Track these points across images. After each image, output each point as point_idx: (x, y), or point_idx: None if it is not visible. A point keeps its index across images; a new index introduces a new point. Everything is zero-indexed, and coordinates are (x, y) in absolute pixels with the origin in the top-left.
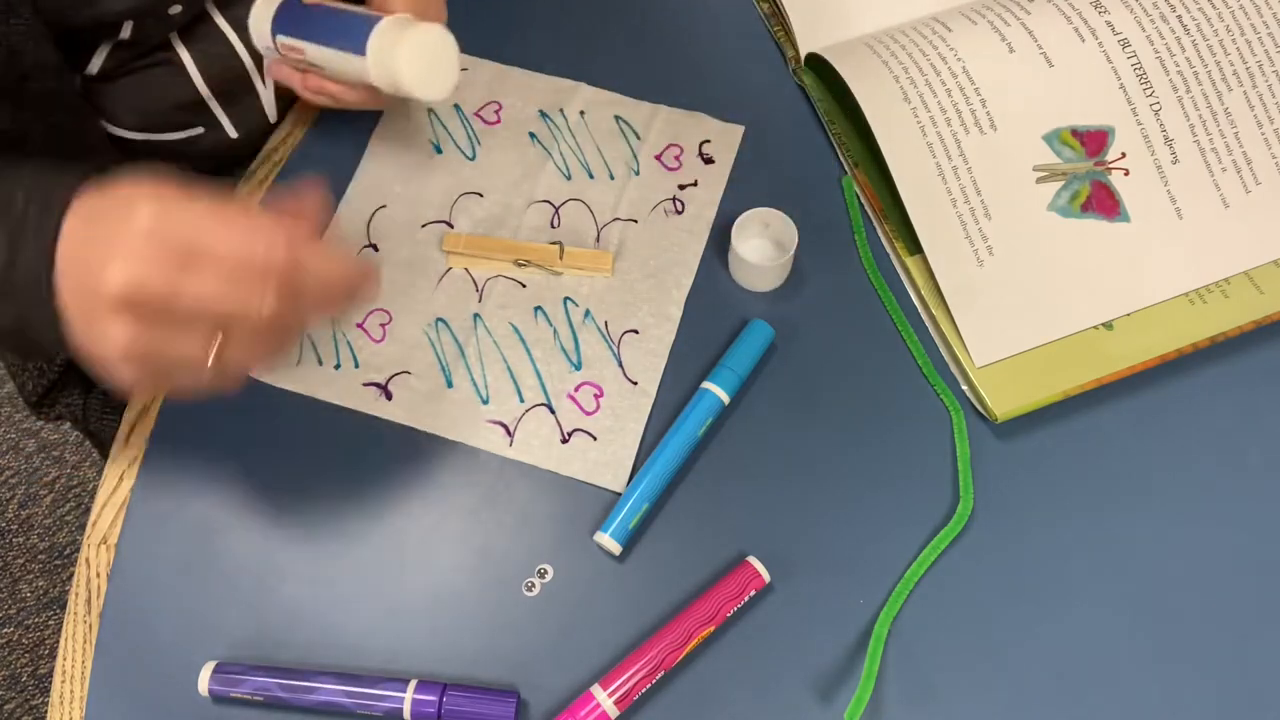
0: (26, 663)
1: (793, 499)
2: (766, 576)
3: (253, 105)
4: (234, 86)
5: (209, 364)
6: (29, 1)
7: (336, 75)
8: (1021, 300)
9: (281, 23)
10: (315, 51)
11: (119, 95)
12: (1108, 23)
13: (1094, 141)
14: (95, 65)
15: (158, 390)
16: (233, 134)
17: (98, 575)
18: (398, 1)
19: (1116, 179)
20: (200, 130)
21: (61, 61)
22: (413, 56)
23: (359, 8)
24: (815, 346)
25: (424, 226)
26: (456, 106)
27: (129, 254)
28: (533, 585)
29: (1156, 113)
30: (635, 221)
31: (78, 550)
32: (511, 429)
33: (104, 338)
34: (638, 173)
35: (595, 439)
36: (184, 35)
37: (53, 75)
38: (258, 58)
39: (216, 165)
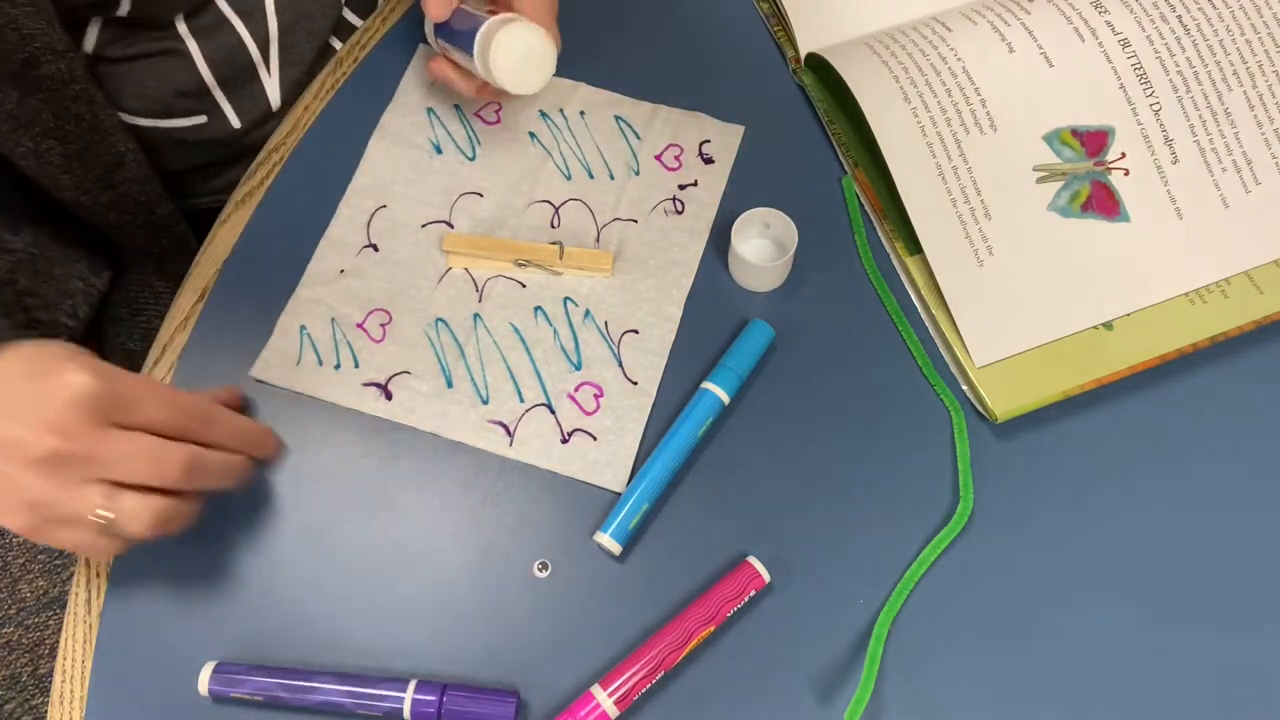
0: (26, 663)
1: (793, 499)
2: (766, 576)
3: (256, 94)
4: (238, 75)
5: (94, 524)
6: None
7: (474, 72)
8: (1021, 300)
9: (439, 27)
10: (456, 53)
11: (123, 80)
12: (1108, 23)
13: (1094, 141)
14: (90, 42)
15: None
16: (235, 123)
17: (98, 575)
18: (523, 2)
19: (1116, 179)
20: (203, 119)
21: (71, 44)
22: (503, 53)
23: (483, 12)
24: (815, 346)
25: (424, 226)
26: (456, 106)
27: (59, 421)
28: (546, 565)
29: (1156, 113)
30: (635, 221)
31: None
32: (511, 429)
33: (10, 484)
34: (638, 173)
35: (595, 439)
36: (190, 22)
37: (62, 58)
38: (263, 45)
39: (217, 157)
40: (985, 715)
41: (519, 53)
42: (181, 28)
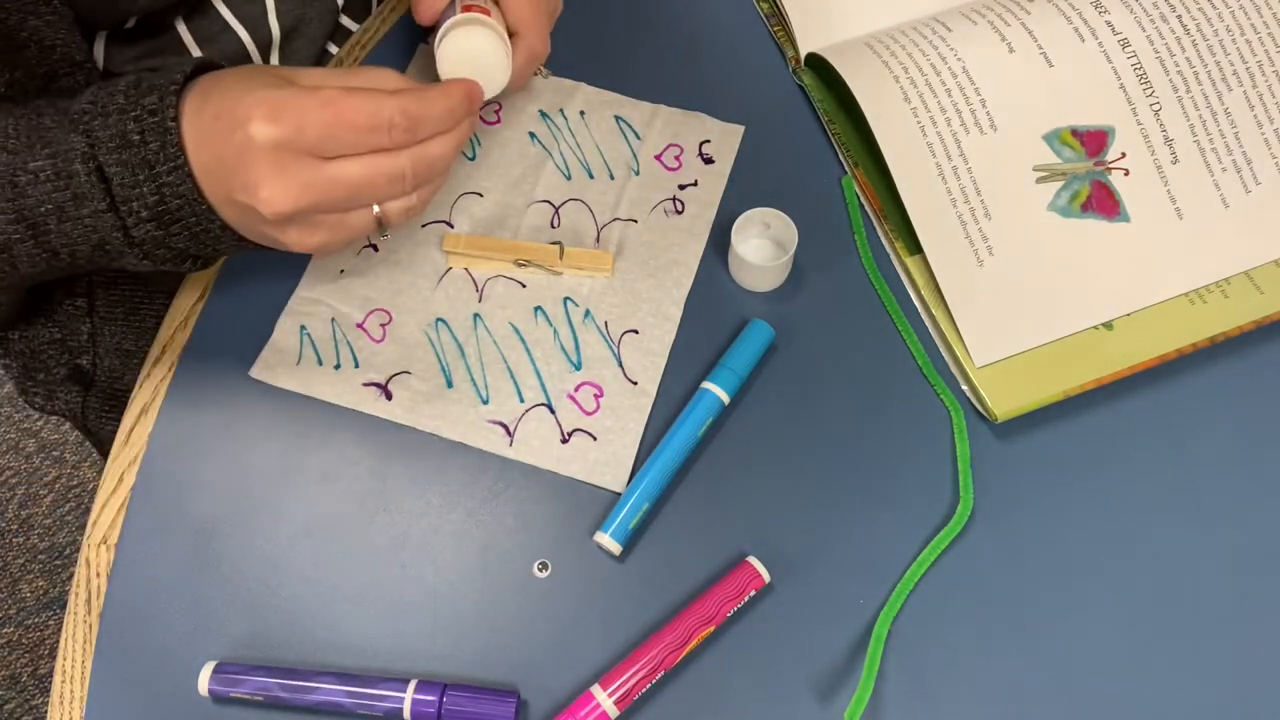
0: (26, 663)
1: (793, 499)
2: (766, 576)
3: None
4: None
5: (376, 224)
6: None
7: None
8: (1021, 300)
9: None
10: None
11: None
12: (1108, 23)
13: (1094, 141)
14: (99, 57)
15: (340, 249)
16: None
17: (98, 575)
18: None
19: (1116, 179)
20: None
21: (88, 54)
22: (451, 53)
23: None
24: (815, 346)
25: (424, 226)
26: None
27: (270, 176)
28: (546, 565)
29: (1156, 113)
30: (635, 221)
31: (78, 550)
32: (511, 429)
33: (279, 243)
34: (638, 173)
35: (595, 439)
36: (193, 28)
37: (80, 69)
38: (264, 51)
39: None
40: (985, 715)
41: (465, 57)
42: (185, 36)
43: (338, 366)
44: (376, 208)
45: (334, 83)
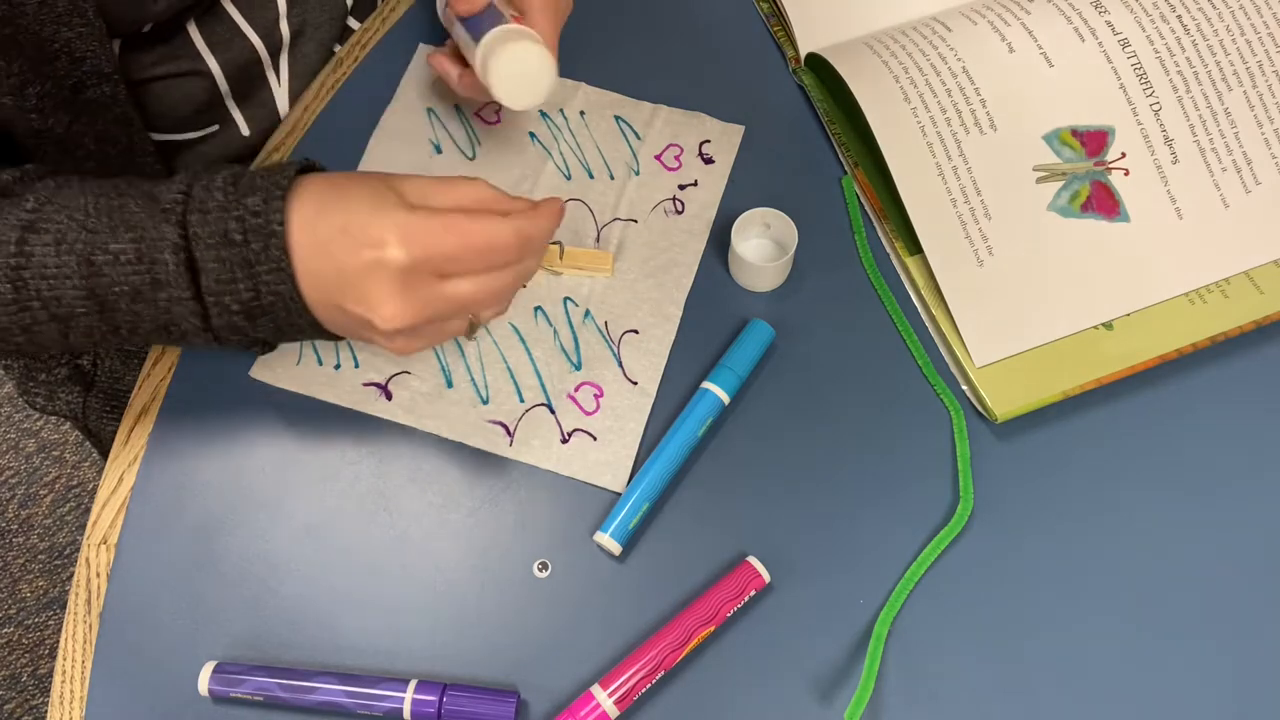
0: (26, 663)
1: (793, 499)
2: (766, 577)
3: (266, 102)
4: (250, 85)
5: (469, 329)
6: (92, 2)
7: (466, 54)
8: (1021, 300)
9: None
10: (459, 31)
11: (145, 99)
12: (1108, 23)
13: (1094, 141)
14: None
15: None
16: (245, 132)
17: (98, 575)
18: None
19: (1116, 179)
20: (215, 128)
21: (117, 65)
22: (504, 66)
23: (507, 10)
24: (815, 346)
25: None
26: (456, 106)
27: (394, 295)
28: (546, 565)
29: (1156, 113)
30: (635, 221)
31: (78, 550)
32: (511, 429)
33: (375, 344)
34: (638, 173)
35: (595, 439)
36: (204, 33)
37: (107, 81)
38: (274, 54)
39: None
40: (985, 715)
41: (517, 69)
42: (199, 42)
43: (337, 366)
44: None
45: (447, 201)
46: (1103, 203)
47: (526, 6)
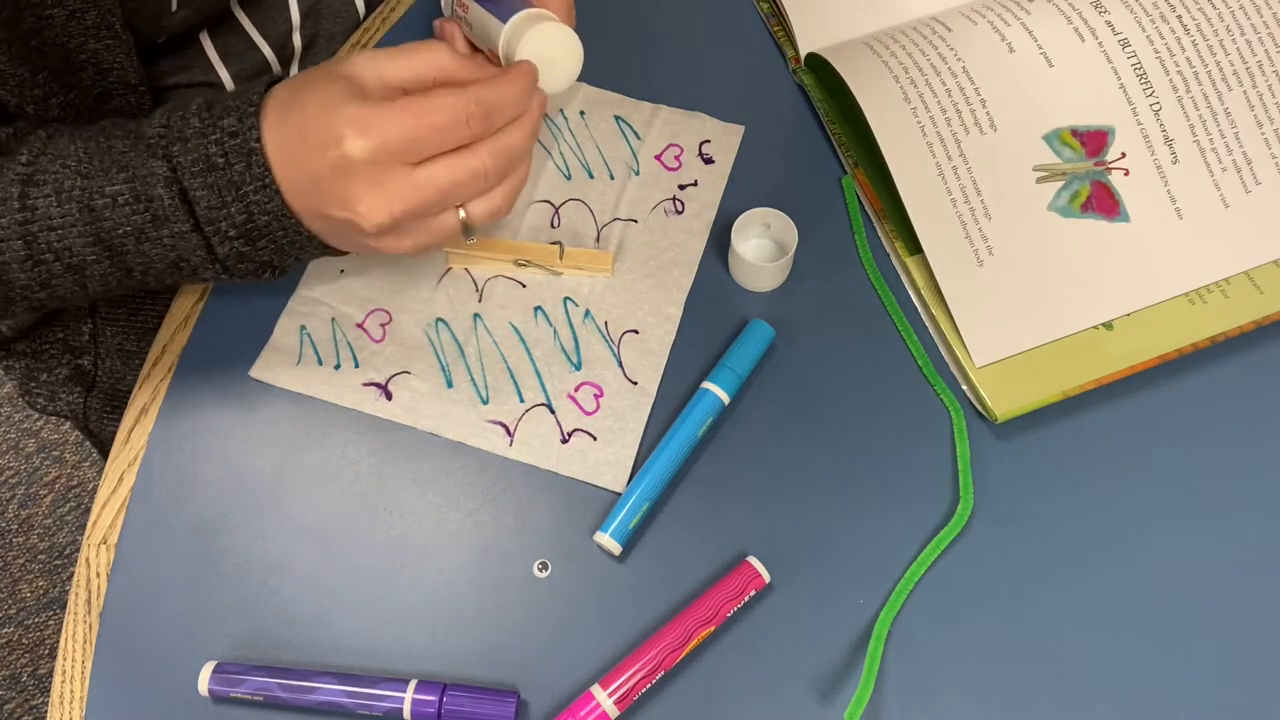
0: (26, 663)
1: (793, 499)
2: (766, 577)
3: None
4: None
5: (462, 227)
6: (120, 15)
7: (480, 38)
8: (1021, 300)
9: None
10: (475, 10)
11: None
12: (1108, 23)
13: (1094, 141)
14: None
15: (431, 252)
16: None
17: (98, 575)
18: None
19: (1116, 179)
20: None
21: (143, 77)
22: (535, 47)
23: None
24: (815, 346)
25: None
26: None
27: (367, 191)
28: (546, 565)
29: (1156, 113)
30: (635, 221)
31: (78, 550)
32: (511, 429)
33: (371, 249)
34: (638, 173)
35: (595, 439)
36: (218, 44)
37: (133, 92)
38: (286, 65)
39: None
40: (985, 715)
41: (548, 52)
42: (211, 54)
43: (338, 366)
44: (462, 212)
45: (403, 74)
46: (1103, 203)
47: None
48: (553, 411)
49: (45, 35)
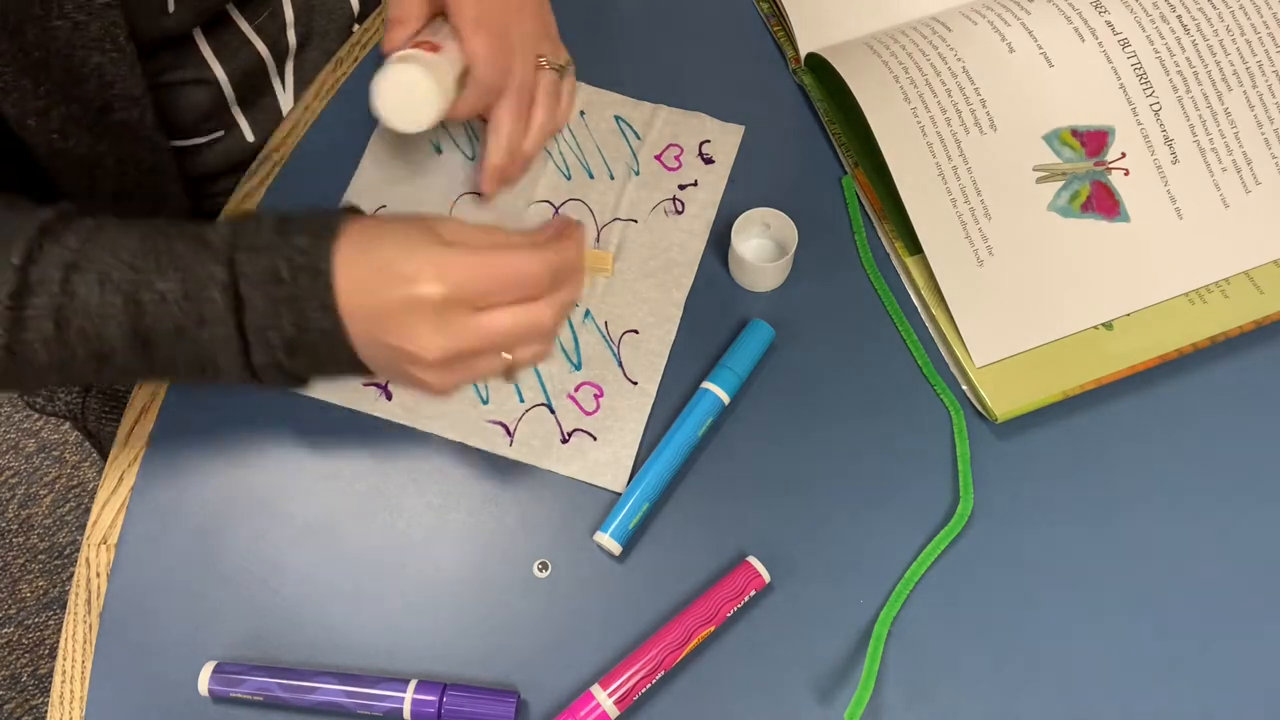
0: (26, 663)
1: (793, 499)
2: (766, 577)
3: (270, 109)
4: (256, 92)
5: (505, 371)
6: (125, 28)
7: None
8: (1021, 300)
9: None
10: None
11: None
12: (1108, 23)
13: (1094, 141)
14: None
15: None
16: (250, 137)
17: (98, 575)
18: (466, 22)
19: (1116, 179)
20: (220, 134)
21: (146, 89)
22: (384, 88)
23: (437, 36)
24: (815, 346)
25: None
26: None
27: (431, 329)
28: (546, 565)
29: (1156, 113)
30: (635, 221)
31: (78, 550)
32: (511, 429)
33: (414, 380)
34: (638, 173)
35: (595, 439)
36: (212, 43)
37: (136, 105)
38: (280, 62)
39: (227, 166)
40: (985, 715)
41: (393, 92)
42: (206, 51)
43: None
44: (508, 356)
45: (482, 240)
46: (1103, 203)
47: (458, 32)
48: (553, 411)
49: (49, 48)
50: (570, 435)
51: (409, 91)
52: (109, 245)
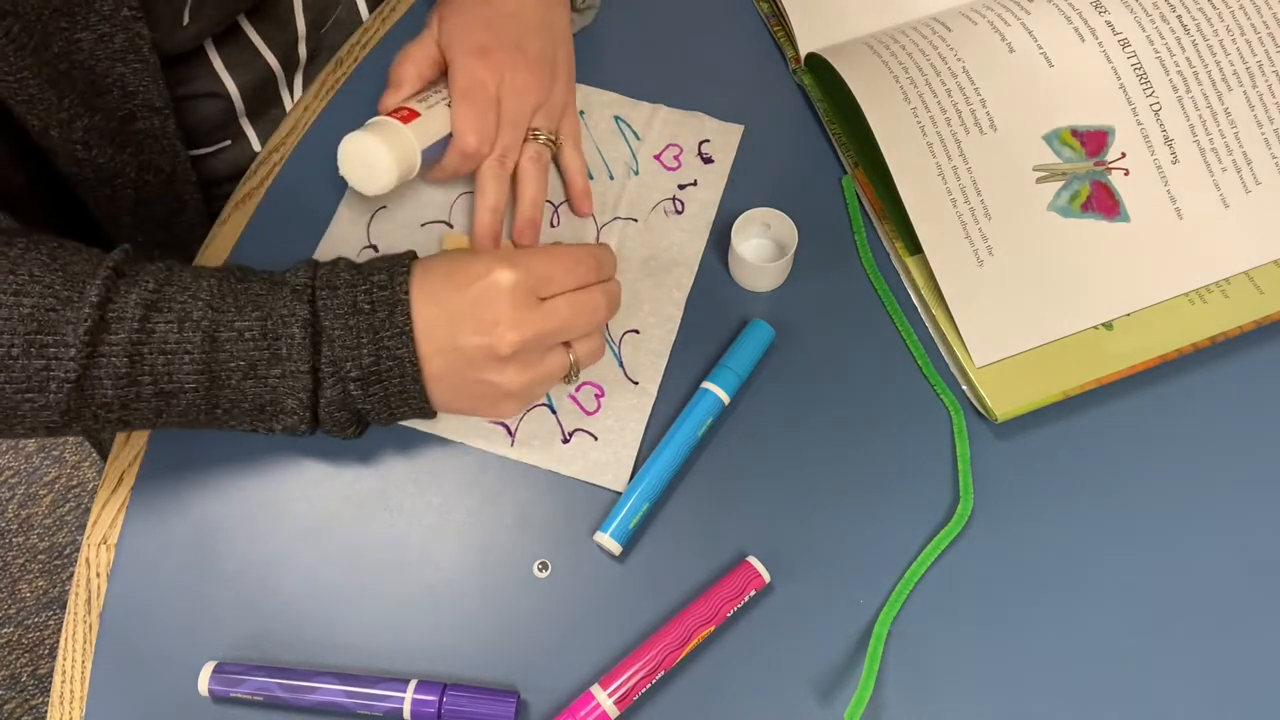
0: (26, 663)
1: (793, 499)
2: (766, 576)
3: (276, 119)
4: (264, 101)
5: (570, 367)
6: (148, 39)
7: None
8: (1021, 300)
9: None
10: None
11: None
12: (1108, 23)
13: (1094, 141)
14: None
15: (538, 396)
16: (257, 146)
17: (98, 575)
18: (454, 91)
19: (1116, 179)
20: (227, 143)
21: (168, 99)
22: (347, 153)
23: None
24: (815, 346)
25: (424, 226)
26: None
27: (508, 313)
28: (546, 565)
29: (1156, 113)
30: (635, 221)
31: (78, 550)
32: (512, 429)
33: (490, 386)
34: (637, 172)
35: (596, 439)
36: (224, 55)
37: (158, 114)
38: (290, 73)
39: (232, 172)
40: (985, 714)
41: (352, 158)
42: (217, 64)
43: None
44: (571, 355)
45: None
46: (1103, 203)
47: (450, 93)
48: (554, 411)
49: (74, 59)
50: (571, 435)
51: (366, 158)
52: (188, 286)
